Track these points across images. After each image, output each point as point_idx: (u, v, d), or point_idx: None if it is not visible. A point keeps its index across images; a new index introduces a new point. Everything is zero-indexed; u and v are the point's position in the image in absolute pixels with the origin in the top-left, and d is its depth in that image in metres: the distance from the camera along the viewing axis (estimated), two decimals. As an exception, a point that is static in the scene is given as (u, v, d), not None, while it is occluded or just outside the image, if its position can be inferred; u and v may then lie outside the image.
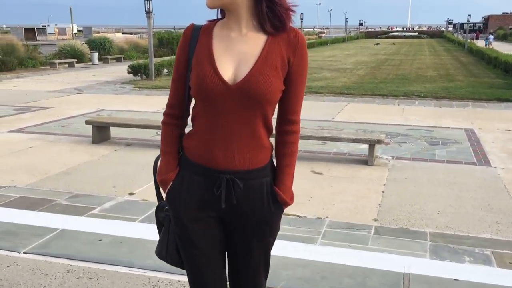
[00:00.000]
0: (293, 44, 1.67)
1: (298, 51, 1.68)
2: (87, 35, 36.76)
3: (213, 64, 1.64)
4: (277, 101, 1.69)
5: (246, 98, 1.61)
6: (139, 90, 13.77)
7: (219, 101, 1.62)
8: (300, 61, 1.68)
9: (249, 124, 1.66)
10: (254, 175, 1.70)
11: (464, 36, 40.36)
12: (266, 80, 1.61)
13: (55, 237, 3.84)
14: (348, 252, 3.61)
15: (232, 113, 1.63)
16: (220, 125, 1.65)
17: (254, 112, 1.64)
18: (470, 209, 4.60)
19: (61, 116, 9.43)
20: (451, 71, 18.97)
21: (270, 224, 1.77)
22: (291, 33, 1.68)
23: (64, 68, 20.98)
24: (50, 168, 5.84)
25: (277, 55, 1.64)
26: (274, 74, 1.63)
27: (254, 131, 1.67)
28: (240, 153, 1.66)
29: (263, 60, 1.62)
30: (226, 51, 1.66)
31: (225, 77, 1.61)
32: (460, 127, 8.53)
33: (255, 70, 1.61)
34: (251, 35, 1.65)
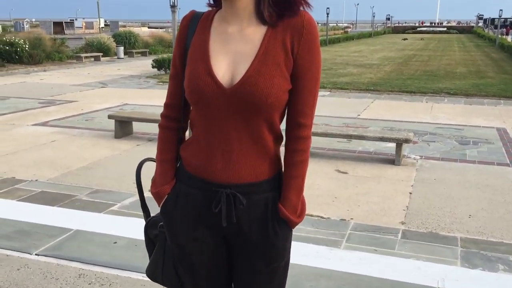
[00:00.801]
0: (297, 30, 1.40)
1: (303, 39, 1.40)
2: (114, 29, 37.13)
3: (208, 63, 1.41)
4: (284, 104, 1.44)
5: (244, 103, 1.38)
6: (163, 85, 13.74)
7: (214, 105, 1.40)
8: (307, 51, 1.40)
9: (251, 131, 1.42)
10: (258, 189, 1.46)
11: (495, 32, 39.37)
12: (266, 81, 1.37)
13: (69, 238, 3.73)
14: (374, 260, 3.42)
15: (231, 119, 1.41)
16: (218, 132, 1.43)
17: (256, 118, 1.41)
18: (503, 214, 4.37)
19: (85, 110, 9.46)
20: (481, 68, 18.42)
21: (276, 246, 1.50)
22: (296, 17, 1.41)
23: (89, 62, 21.18)
24: (72, 163, 5.82)
25: (279, 48, 1.39)
26: (276, 73, 1.38)
27: (257, 139, 1.44)
28: (242, 164, 1.44)
29: (262, 56, 1.38)
30: (223, 48, 1.43)
31: (220, 79, 1.39)
32: (492, 126, 8.21)
33: (252, 70, 1.37)
34: (251, 30, 1.42)
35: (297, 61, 1.41)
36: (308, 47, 1.41)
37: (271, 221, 1.48)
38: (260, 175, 1.46)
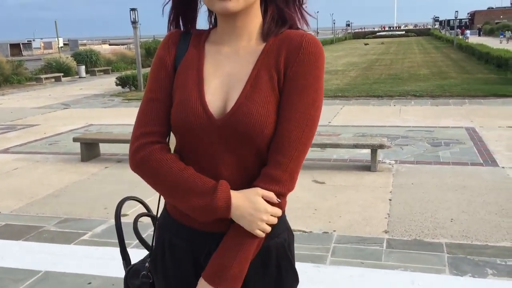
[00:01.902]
0: (293, 51, 1.19)
1: (297, 61, 1.18)
2: (74, 48, 36.42)
3: (201, 89, 1.21)
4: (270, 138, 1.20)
5: (235, 136, 1.16)
6: (128, 102, 13.44)
7: (202, 138, 1.19)
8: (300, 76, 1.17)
9: (245, 169, 1.20)
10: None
11: (451, 33, 40.53)
12: (259, 108, 1.15)
13: (38, 282, 3.37)
14: (365, 276, 3.29)
15: (221, 154, 1.19)
16: (205, 169, 1.19)
17: (250, 152, 1.19)
18: (484, 215, 4.34)
19: (48, 133, 9.09)
20: (443, 69, 18.83)
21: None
22: (294, 37, 1.21)
23: (50, 83, 20.60)
24: (37, 191, 5.52)
25: (272, 69, 1.19)
26: (271, 99, 1.17)
27: (252, 178, 1.20)
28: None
29: (254, 80, 1.18)
30: (217, 71, 1.24)
31: (212, 108, 1.19)
32: (461, 125, 8.31)
33: (243, 97, 1.17)
34: (247, 50, 1.24)
35: (287, 83, 1.18)
36: (303, 70, 1.18)
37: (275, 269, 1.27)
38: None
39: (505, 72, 15.45)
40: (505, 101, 10.86)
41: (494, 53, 18.30)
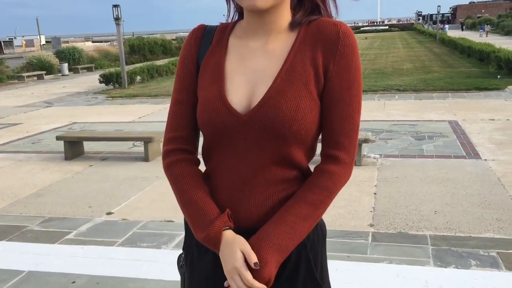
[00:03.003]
0: (330, 43, 1.14)
1: (339, 53, 1.14)
2: (56, 46, 35.95)
3: (222, 86, 1.17)
4: (313, 135, 1.17)
5: (263, 132, 1.12)
6: (112, 100, 13.33)
7: (226, 137, 1.16)
8: (345, 69, 1.14)
9: (275, 168, 1.16)
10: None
11: (434, 27, 40.94)
12: (289, 103, 1.11)
13: (21, 282, 3.32)
14: (351, 269, 3.30)
15: (249, 153, 1.15)
16: (233, 171, 1.18)
17: (280, 151, 1.14)
18: (467, 207, 4.40)
19: (31, 132, 8.97)
20: (426, 63, 19.00)
21: None
22: (328, 27, 1.15)
23: (33, 81, 20.32)
24: (20, 191, 5.44)
25: (307, 64, 1.14)
26: (303, 94, 1.12)
27: (281, 181, 1.17)
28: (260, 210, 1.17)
29: (286, 74, 1.13)
30: (241, 67, 1.19)
31: (235, 104, 1.15)
32: (444, 119, 8.40)
33: (273, 91, 1.12)
34: (276, 44, 1.18)
35: (333, 81, 1.15)
36: (346, 63, 1.14)
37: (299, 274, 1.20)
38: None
39: (487, 66, 15.65)
40: (487, 94, 11.00)
41: (476, 47, 18.51)
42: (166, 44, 31.99)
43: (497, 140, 6.78)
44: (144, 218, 4.43)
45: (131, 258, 3.63)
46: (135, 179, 5.70)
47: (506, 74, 13.34)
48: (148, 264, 3.51)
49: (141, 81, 16.99)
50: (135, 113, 10.66)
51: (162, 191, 5.23)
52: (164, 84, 16.20)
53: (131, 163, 6.42)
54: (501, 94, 10.91)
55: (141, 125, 9.21)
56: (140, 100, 13.01)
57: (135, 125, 9.26)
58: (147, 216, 4.47)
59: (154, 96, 13.48)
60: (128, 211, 4.66)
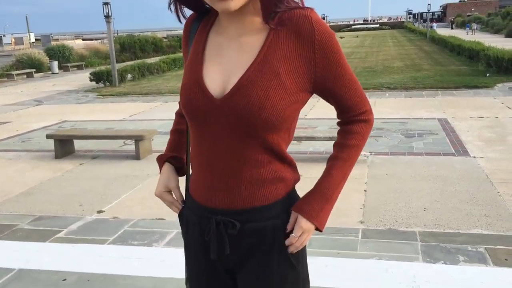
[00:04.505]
0: (306, 35, 1.21)
1: (317, 43, 1.21)
2: (46, 44, 35.68)
3: (199, 73, 1.27)
4: (286, 122, 1.25)
5: (235, 118, 1.21)
6: (103, 98, 13.28)
7: (206, 121, 1.25)
8: (329, 53, 1.23)
9: (247, 152, 1.24)
10: (256, 216, 1.28)
11: (424, 26, 41.18)
12: (259, 92, 1.18)
13: (12, 280, 3.32)
14: (340, 266, 3.34)
15: (224, 137, 1.24)
16: (212, 152, 1.27)
17: (252, 136, 1.23)
18: (456, 204, 4.45)
19: (21, 130, 8.92)
20: (417, 61, 19.11)
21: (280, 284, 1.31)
22: (300, 18, 1.21)
23: (22, 79, 20.17)
24: (10, 189, 5.42)
25: (280, 55, 1.21)
26: (273, 83, 1.19)
27: (254, 162, 1.25)
28: (236, 188, 1.27)
29: (259, 65, 1.21)
30: (218, 56, 1.28)
31: (210, 90, 1.23)
32: (434, 117, 8.47)
33: (244, 79, 1.20)
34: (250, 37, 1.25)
35: (321, 66, 1.24)
36: (327, 47, 1.23)
37: (269, 253, 1.30)
38: (256, 201, 1.28)
39: (476, 64, 15.78)
40: (476, 92, 11.10)
41: (466, 45, 18.66)
42: (157, 42, 31.89)
43: (485, 137, 6.85)
44: (135, 216, 4.43)
45: (122, 256, 3.63)
46: (126, 177, 5.69)
47: (495, 72, 13.46)
48: (139, 261, 3.52)
49: (132, 79, 16.93)
50: (126, 111, 10.62)
51: (153, 189, 5.20)
52: (155, 82, 16.16)
53: (122, 161, 6.41)
54: (490, 92, 11.02)
55: (132, 123, 9.19)
56: (131, 98, 12.97)
57: (126, 123, 9.24)
58: (138, 214, 4.48)
59: (145, 94, 13.44)
60: (119, 209, 4.66)
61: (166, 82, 16.03)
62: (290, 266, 1.33)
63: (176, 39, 35.50)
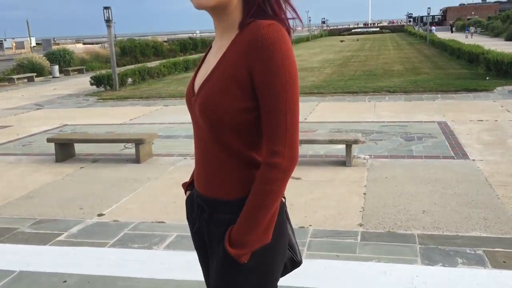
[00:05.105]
0: (252, 45, 1.27)
1: (258, 55, 1.25)
2: (46, 48, 35.77)
3: (195, 74, 1.48)
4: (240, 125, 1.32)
5: (198, 114, 1.39)
6: (104, 102, 13.31)
7: (190, 113, 1.46)
8: (263, 68, 1.25)
9: (213, 148, 1.39)
10: (220, 208, 1.41)
11: (424, 29, 41.31)
12: (207, 95, 1.33)
13: (12, 282, 3.34)
14: (339, 268, 3.35)
15: (199, 129, 1.42)
16: (196, 142, 1.47)
17: (213, 135, 1.37)
18: (455, 206, 4.46)
19: (21, 134, 8.94)
20: (416, 64, 19.15)
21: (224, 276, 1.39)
22: (253, 30, 1.27)
23: (23, 83, 20.21)
24: (10, 193, 5.44)
25: (230, 62, 1.30)
26: (220, 88, 1.30)
27: (218, 158, 1.39)
28: (208, 178, 1.44)
29: (214, 70, 1.34)
30: (207, 59, 1.47)
31: (196, 86, 1.43)
32: (433, 120, 8.48)
33: (203, 83, 1.37)
34: (224, 42, 1.37)
35: (254, 78, 1.28)
36: (263, 62, 1.26)
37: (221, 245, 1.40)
38: (222, 195, 1.41)
39: (476, 67, 15.81)
40: (476, 95, 11.12)
41: (466, 48, 18.68)
42: (157, 46, 31.96)
43: (485, 140, 6.87)
44: (136, 219, 4.45)
45: (122, 258, 3.65)
46: (126, 180, 5.71)
47: (495, 76, 13.49)
48: (139, 264, 3.53)
49: (132, 83, 16.97)
50: (126, 115, 10.65)
51: (153, 192, 5.25)
52: (156, 86, 16.20)
53: (122, 165, 6.43)
54: (490, 95, 11.04)
55: (132, 127, 9.21)
56: (132, 102, 13.00)
57: (126, 127, 9.26)
58: (138, 218, 4.49)
59: (146, 98, 13.48)
60: (119, 212, 4.68)
61: (166, 86, 16.07)
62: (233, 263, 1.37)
63: (176, 43, 35.59)
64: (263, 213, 1.32)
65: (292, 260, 1.56)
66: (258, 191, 1.32)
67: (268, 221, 1.34)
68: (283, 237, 1.45)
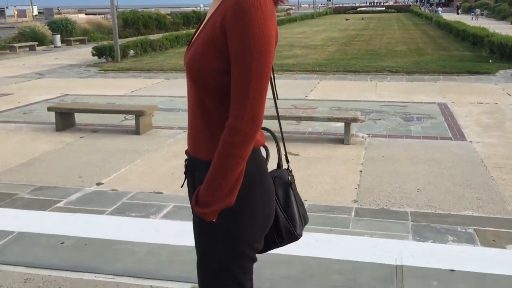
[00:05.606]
0: (228, 8, 1.30)
1: (232, 17, 1.28)
2: (48, 17, 35.43)
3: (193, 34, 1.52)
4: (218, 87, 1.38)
5: (186, 74, 1.47)
6: (105, 73, 13.28)
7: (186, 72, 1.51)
8: (234, 31, 1.28)
9: (198, 108, 1.47)
10: (199, 166, 1.49)
11: (431, 10, 40.83)
12: (192, 56, 1.42)
13: (11, 242, 3.46)
14: (331, 240, 3.43)
15: (189, 88, 1.50)
16: (188, 101, 1.54)
17: (195, 95, 1.45)
18: (449, 186, 4.52)
19: (22, 102, 8.96)
20: (420, 45, 19.02)
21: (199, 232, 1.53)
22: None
23: (24, 52, 20.11)
24: (10, 160, 5.49)
25: (210, 24, 1.37)
26: (202, 49, 1.37)
27: (201, 118, 1.47)
28: (191, 137, 1.53)
29: (200, 32, 1.44)
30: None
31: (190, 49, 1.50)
32: (433, 101, 8.49)
33: (192, 43, 1.46)
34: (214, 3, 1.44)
35: (227, 41, 1.32)
36: (235, 26, 1.28)
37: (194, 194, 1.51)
38: (202, 154, 1.48)
39: (480, 50, 15.71)
40: (478, 78, 11.09)
41: (471, 30, 18.53)
42: (160, 19, 31.65)
43: (483, 123, 6.89)
44: (134, 189, 4.51)
45: (119, 225, 3.73)
46: (126, 151, 5.76)
47: (498, 59, 13.42)
48: (136, 230, 3.62)
49: (134, 55, 16.89)
50: (127, 87, 10.64)
51: (152, 164, 5.30)
52: (158, 59, 16.13)
53: (122, 136, 6.47)
54: (492, 78, 11.01)
55: (133, 99, 9.22)
56: (133, 74, 12.97)
57: (127, 99, 9.27)
58: (136, 188, 4.55)
59: (147, 70, 13.44)
60: (118, 182, 4.74)
61: (168, 59, 16.00)
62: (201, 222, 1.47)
63: (179, 16, 35.23)
64: (225, 175, 1.35)
65: (289, 232, 1.58)
66: (220, 154, 1.35)
67: (232, 184, 1.37)
68: (256, 204, 1.47)
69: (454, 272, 3.00)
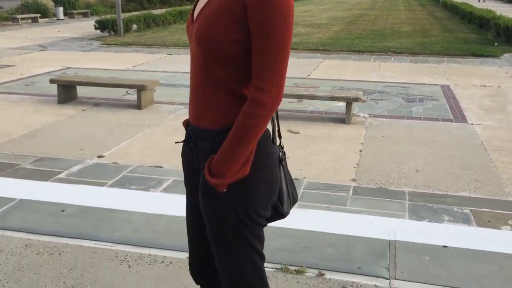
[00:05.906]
0: None
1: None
2: (51, -11, 34.99)
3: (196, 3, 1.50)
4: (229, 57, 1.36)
5: (194, 39, 1.42)
6: (107, 47, 13.21)
7: (189, 40, 1.49)
8: (259, 5, 1.27)
9: (202, 78, 1.45)
10: (204, 136, 1.49)
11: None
12: (202, 26, 1.38)
13: (13, 208, 3.54)
14: (327, 216, 3.49)
15: (195, 57, 1.46)
16: (192, 70, 1.50)
17: (203, 65, 1.42)
18: (448, 167, 4.54)
19: (24, 74, 8.95)
20: (426, 26, 18.82)
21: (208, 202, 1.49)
22: None
23: (27, 24, 19.96)
24: (12, 130, 5.52)
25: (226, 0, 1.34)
26: (215, 19, 1.34)
27: (208, 87, 1.44)
28: (195, 107, 1.50)
29: (208, 3, 1.40)
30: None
31: (195, 16, 1.47)
32: (436, 83, 8.45)
33: (200, 13, 1.42)
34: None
35: (249, 13, 1.30)
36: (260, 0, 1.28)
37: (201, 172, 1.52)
38: (207, 124, 1.47)
39: (485, 32, 15.56)
40: (483, 60, 11.02)
41: (477, 13, 18.32)
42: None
43: (485, 105, 6.88)
44: (134, 163, 4.55)
45: (119, 196, 3.78)
46: (127, 125, 5.78)
47: (504, 42, 13.30)
48: (135, 201, 3.67)
49: (137, 29, 16.76)
50: (129, 62, 10.61)
51: (153, 138, 5.33)
52: (161, 34, 16.01)
53: (123, 110, 6.48)
54: (496, 61, 10.94)
55: (135, 74, 9.20)
56: (135, 48, 12.90)
57: (129, 73, 9.25)
58: (137, 161, 4.59)
59: (150, 45, 13.36)
60: (118, 155, 4.77)
61: (171, 34, 15.88)
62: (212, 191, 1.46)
63: (183, -9, 34.80)
64: (243, 147, 1.36)
65: (275, 208, 1.57)
66: (241, 125, 1.36)
67: (248, 155, 1.39)
68: (265, 171, 1.48)
69: (447, 248, 3.05)
